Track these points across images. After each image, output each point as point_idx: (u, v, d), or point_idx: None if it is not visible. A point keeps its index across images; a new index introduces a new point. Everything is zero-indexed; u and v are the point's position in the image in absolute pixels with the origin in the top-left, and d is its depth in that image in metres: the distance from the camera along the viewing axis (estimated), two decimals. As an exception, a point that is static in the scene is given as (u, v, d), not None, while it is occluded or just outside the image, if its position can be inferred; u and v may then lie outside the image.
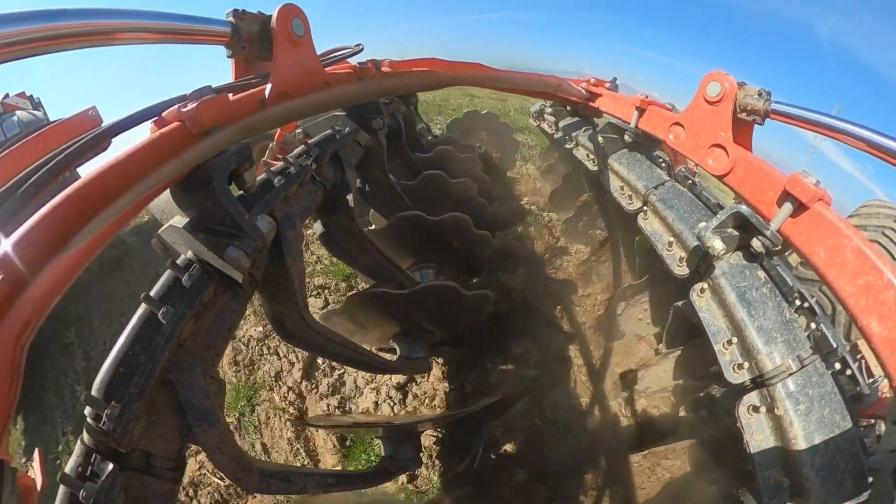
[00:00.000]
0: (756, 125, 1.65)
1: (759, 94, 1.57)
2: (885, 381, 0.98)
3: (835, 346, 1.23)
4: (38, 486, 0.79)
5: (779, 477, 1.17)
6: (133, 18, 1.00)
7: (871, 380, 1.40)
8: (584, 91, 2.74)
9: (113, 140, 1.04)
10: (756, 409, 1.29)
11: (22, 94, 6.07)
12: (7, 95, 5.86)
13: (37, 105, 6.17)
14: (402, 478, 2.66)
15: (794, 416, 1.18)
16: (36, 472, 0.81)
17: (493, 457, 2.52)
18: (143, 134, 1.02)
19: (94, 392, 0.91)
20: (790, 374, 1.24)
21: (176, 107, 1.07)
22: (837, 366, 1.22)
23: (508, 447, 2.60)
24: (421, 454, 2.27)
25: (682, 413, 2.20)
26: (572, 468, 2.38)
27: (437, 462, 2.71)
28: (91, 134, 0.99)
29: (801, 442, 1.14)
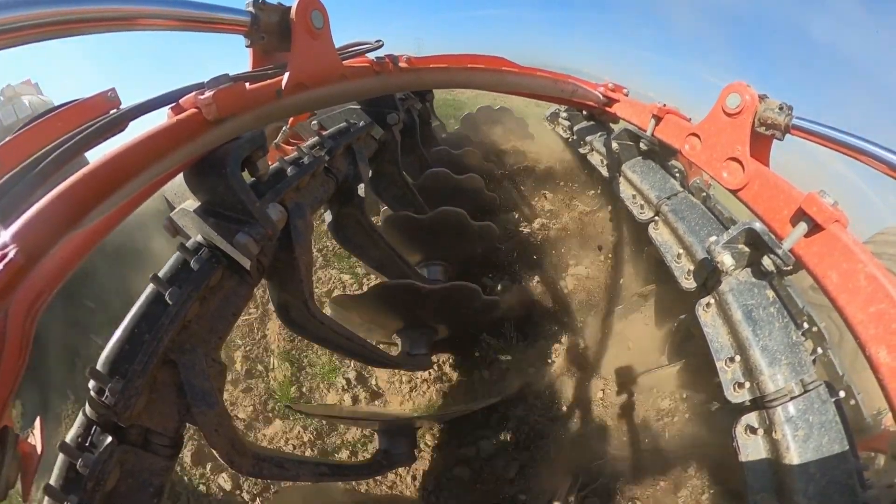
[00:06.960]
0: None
1: (781, 109, 1.53)
2: (889, 413, 0.95)
3: (841, 373, 1.20)
4: (38, 453, 0.82)
5: (770, 501, 1.15)
6: (155, 5, 1.02)
7: (874, 412, 1.37)
8: (600, 96, 2.70)
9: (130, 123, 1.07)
10: (754, 430, 1.26)
11: (27, 82, 6.27)
12: (9, 85, 6.04)
13: (40, 92, 6.37)
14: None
15: (791, 441, 1.15)
16: (36, 439, 0.85)
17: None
18: (159, 119, 1.04)
19: (98, 367, 0.94)
20: (792, 398, 1.21)
21: (193, 94, 1.09)
22: (841, 394, 1.19)
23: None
24: (416, 450, 2.28)
25: (677, 426, 2.17)
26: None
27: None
28: (110, 116, 1.02)
29: (796, 468, 1.12)
